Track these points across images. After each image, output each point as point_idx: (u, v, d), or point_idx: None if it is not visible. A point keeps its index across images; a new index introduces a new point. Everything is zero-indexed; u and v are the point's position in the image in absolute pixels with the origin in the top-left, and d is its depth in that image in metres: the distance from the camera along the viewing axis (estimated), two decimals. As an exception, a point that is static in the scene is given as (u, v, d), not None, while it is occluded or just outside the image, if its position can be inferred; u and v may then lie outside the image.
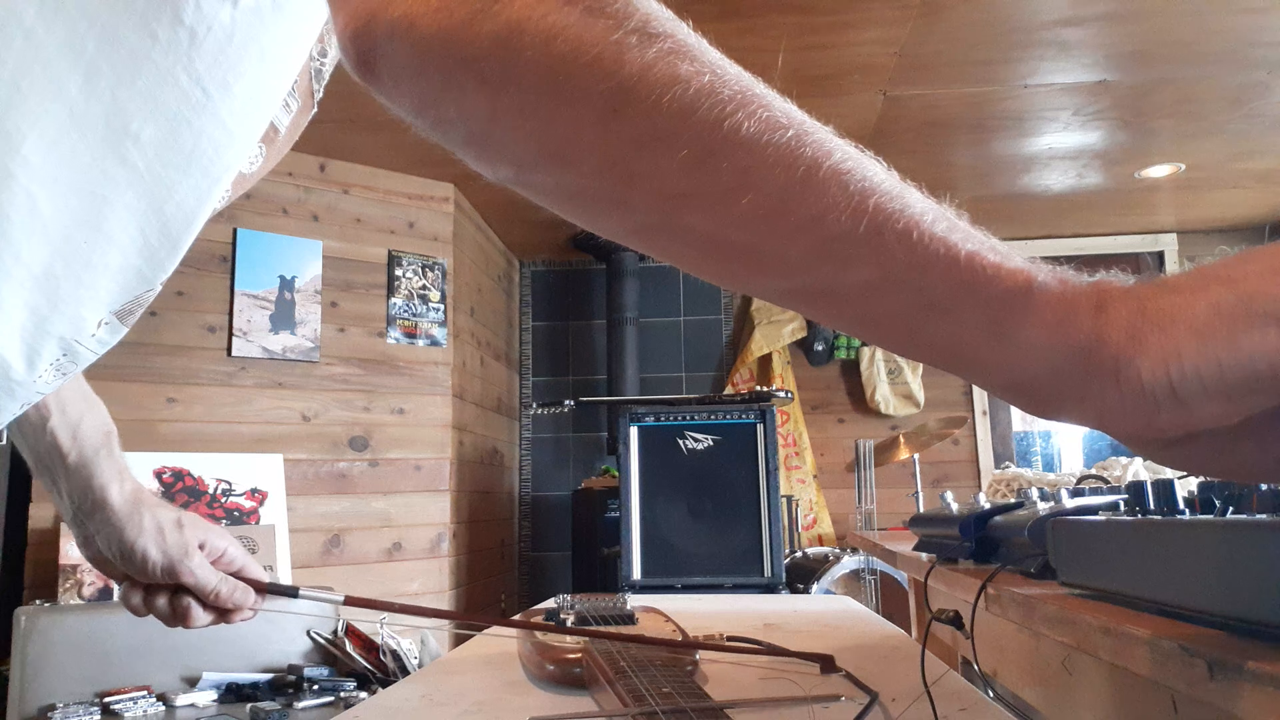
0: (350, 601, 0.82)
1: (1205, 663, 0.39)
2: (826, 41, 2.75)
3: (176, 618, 0.77)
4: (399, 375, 3.62)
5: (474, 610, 3.96)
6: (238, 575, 0.79)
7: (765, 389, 3.22)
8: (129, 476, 0.77)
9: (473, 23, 0.37)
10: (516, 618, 0.98)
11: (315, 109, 0.64)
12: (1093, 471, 1.24)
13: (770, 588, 2.52)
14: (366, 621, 2.97)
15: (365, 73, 0.41)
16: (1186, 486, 0.67)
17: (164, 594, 0.76)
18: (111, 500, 0.75)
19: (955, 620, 0.83)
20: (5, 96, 0.48)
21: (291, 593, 0.80)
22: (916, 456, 3.97)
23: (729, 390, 4.67)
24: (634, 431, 2.70)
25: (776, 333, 4.70)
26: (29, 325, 0.54)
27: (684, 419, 2.70)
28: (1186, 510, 0.55)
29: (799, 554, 3.88)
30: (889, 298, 0.37)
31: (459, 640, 1.06)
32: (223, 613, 0.78)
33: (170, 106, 0.52)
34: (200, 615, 0.77)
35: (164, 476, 3.02)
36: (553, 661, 0.81)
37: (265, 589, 0.80)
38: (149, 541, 0.74)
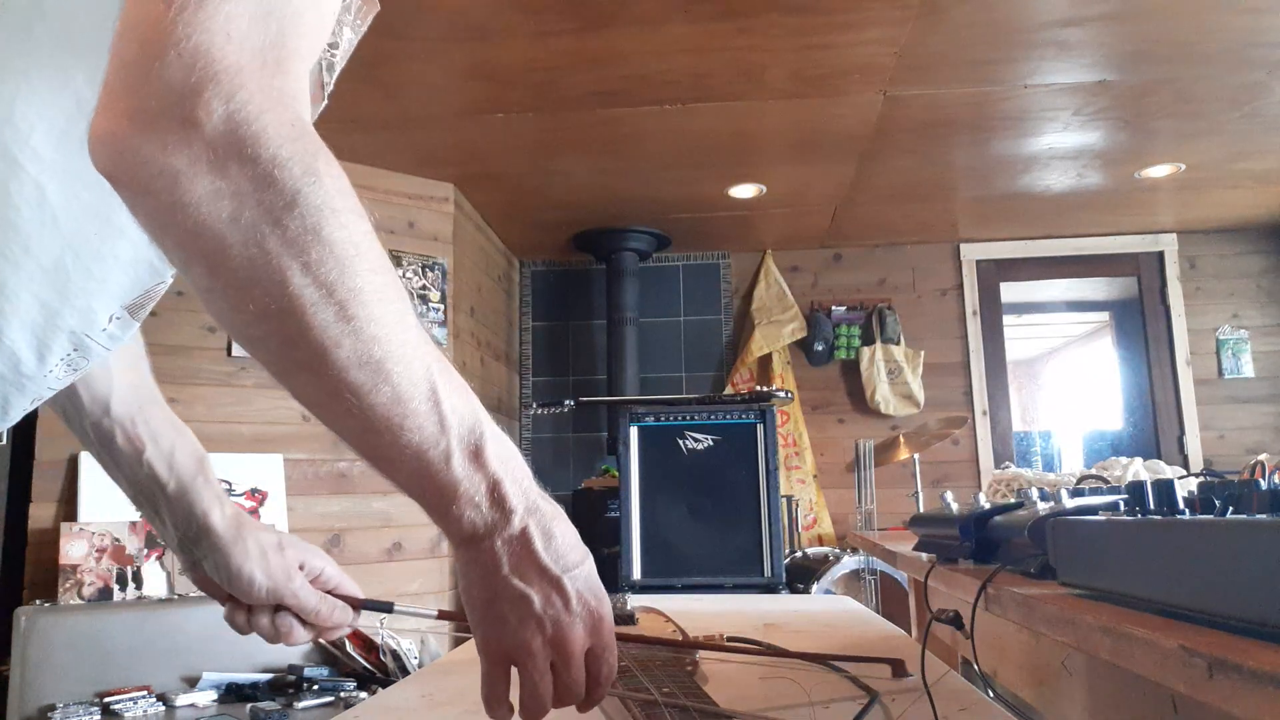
0: (443, 616, 0.82)
1: (1205, 663, 0.39)
2: (826, 41, 2.75)
3: (279, 636, 0.78)
4: (399, 375, 3.62)
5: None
6: (334, 593, 0.80)
7: (765, 389, 3.22)
8: (227, 500, 0.78)
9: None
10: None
11: (326, 101, 0.64)
12: (1093, 471, 1.24)
13: (770, 588, 2.52)
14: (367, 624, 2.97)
15: None
16: (1186, 486, 0.67)
17: (266, 614, 0.78)
18: (215, 526, 0.76)
19: (955, 620, 0.83)
20: (13, 87, 0.48)
21: (386, 608, 0.80)
22: (916, 456, 3.97)
23: (729, 390, 4.67)
24: (634, 431, 2.69)
25: (776, 333, 4.70)
26: (39, 319, 0.54)
27: (684, 419, 2.69)
28: (1186, 510, 0.55)
29: (799, 554, 3.88)
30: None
31: (459, 641, 1.06)
32: (322, 629, 0.80)
33: None
34: (301, 634, 0.79)
35: (164, 476, 3.02)
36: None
37: (361, 605, 0.81)
38: (255, 566, 0.75)
